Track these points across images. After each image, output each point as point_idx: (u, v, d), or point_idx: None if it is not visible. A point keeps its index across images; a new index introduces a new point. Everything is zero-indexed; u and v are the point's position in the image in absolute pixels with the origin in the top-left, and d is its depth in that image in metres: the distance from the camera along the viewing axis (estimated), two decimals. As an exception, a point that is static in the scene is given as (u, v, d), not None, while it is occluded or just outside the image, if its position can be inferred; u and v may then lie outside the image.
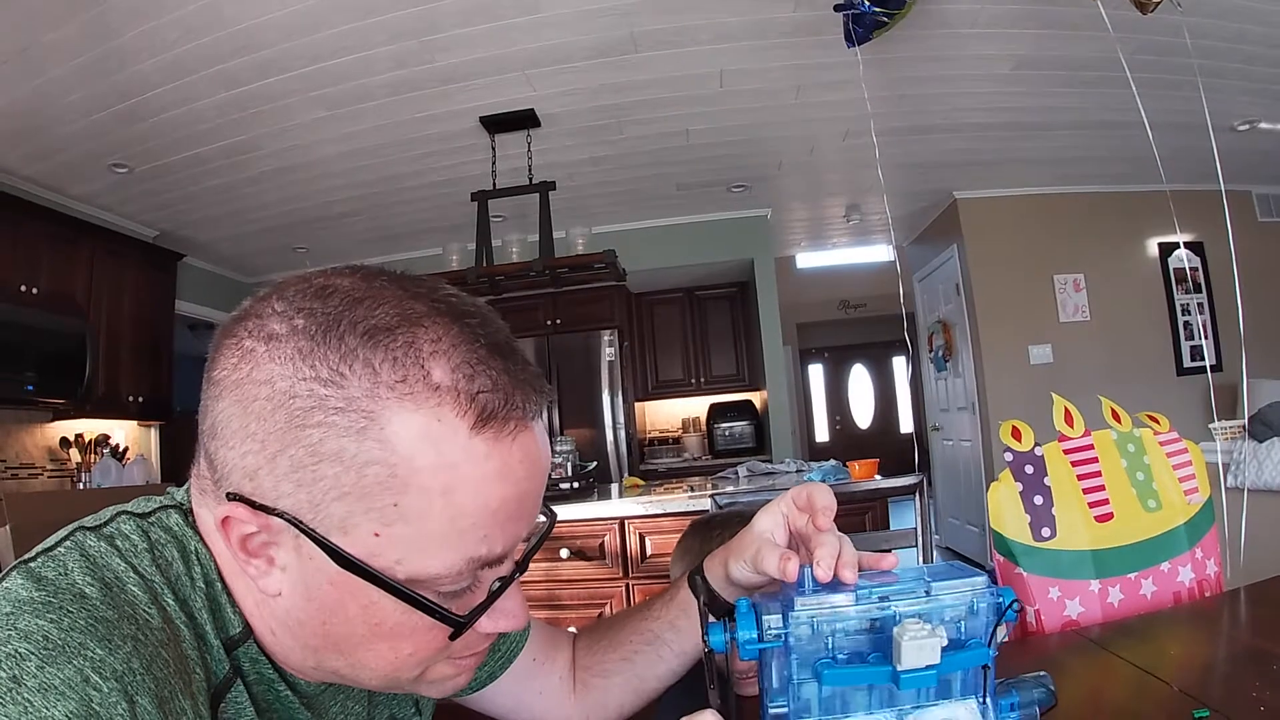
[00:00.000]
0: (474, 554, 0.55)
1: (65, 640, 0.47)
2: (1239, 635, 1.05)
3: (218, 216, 5.19)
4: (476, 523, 0.54)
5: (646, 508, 2.82)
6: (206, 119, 3.84)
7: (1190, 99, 3.51)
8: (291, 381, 0.52)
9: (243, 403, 0.53)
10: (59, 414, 4.49)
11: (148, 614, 0.52)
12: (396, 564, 0.53)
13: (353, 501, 0.51)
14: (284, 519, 0.52)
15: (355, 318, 0.53)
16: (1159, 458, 1.21)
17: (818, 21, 3.33)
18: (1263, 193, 5.87)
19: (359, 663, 0.59)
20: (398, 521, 0.52)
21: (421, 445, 0.51)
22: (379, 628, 0.56)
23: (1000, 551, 1.16)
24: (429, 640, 0.58)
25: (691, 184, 5.46)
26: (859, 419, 12.50)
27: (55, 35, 3.04)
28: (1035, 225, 5.88)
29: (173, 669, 0.51)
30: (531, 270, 3.86)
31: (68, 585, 0.50)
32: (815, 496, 0.79)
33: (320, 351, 0.52)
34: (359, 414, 0.51)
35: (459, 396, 0.52)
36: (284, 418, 0.51)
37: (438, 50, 3.45)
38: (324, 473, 0.51)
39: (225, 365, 0.55)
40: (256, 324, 0.55)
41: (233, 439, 0.54)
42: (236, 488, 0.54)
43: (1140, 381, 5.58)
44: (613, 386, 5.74)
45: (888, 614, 0.64)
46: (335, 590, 0.54)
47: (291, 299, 0.55)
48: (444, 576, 0.54)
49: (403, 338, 0.52)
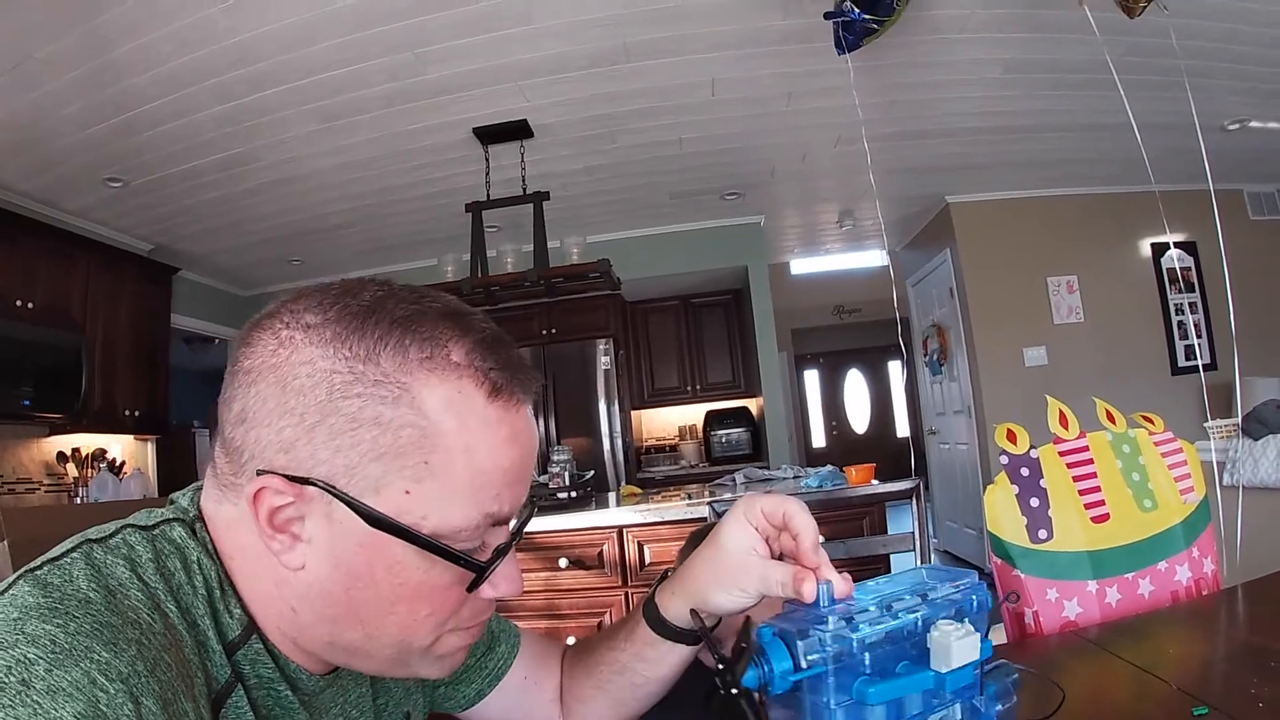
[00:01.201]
0: (489, 509, 0.62)
1: (72, 644, 0.48)
2: (1237, 633, 1.06)
3: (213, 230, 5.19)
4: (491, 480, 0.61)
5: (644, 516, 2.82)
6: (202, 132, 3.85)
7: (1180, 99, 3.54)
8: (332, 360, 0.58)
9: (282, 382, 0.59)
10: (56, 428, 4.48)
11: (150, 620, 0.54)
12: (423, 519, 0.59)
13: (389, 461, 0.58)
14: (319, 485, 0.58)
15: (383, 311, 0.60)
16: (1154, 458, 1.22)
17: (808, 29, 3.35)
18: (1254, 191, 5.91)
19: (376, 632, 0.63)
20: (427, 478, 0.59)
21: (447, 412, 0.59)
22: (402, 588, 0.61)
23: (998, 554, 1.17)
24: (445, 599, 0.63)
25: (685, 192, 5.48)
26: (855, 424, 12.51)
27: (50, 49, 3.04)
28: (1028, 228, 5.90)
29: (175, 673, 0.52)
30: (526, 280, 3.87)
31: (73, 591, 0.52)
32: (796, 519, 0.77)
33: (356, 336, 0.59)
34: (394, 385, 0.58)
35: (475, 372, 0.61)
36: (324, 391, 0.58)
37: (431, 62, 3.46)
38: (363, 436, 0.58)
39: (261, 354, 0.61)
40: (291, 317, 0.61)
41: (269, 418, 0.59)
42: (269, 464, 0.59)
43: (1135, 382, 5.60)
44: (609, 395, 5.74)
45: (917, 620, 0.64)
46: (364, 552, 0.59)
47: (322, 296, 0.62)
48: (464, 530, 0.61)
49: (426, 326, 0.61)
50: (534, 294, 4.23)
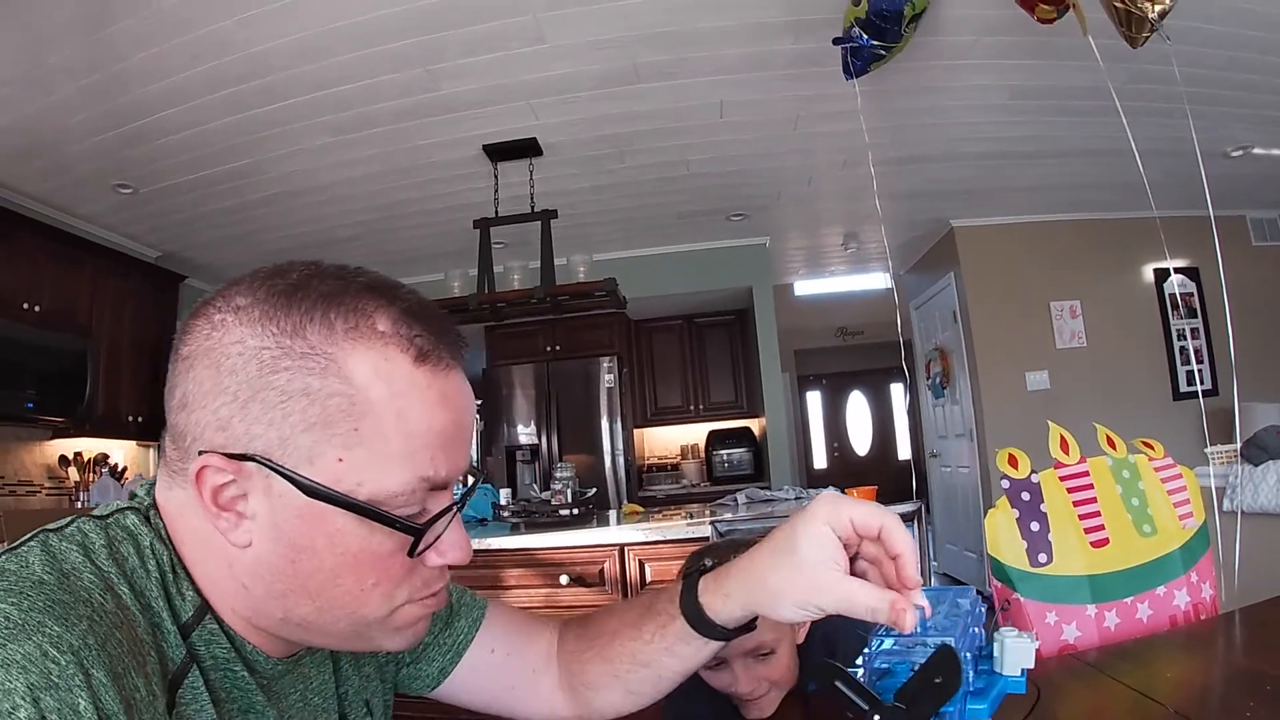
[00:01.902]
0: (424, 473, 0.62)
1: (25, 620, 0.49)
2: (1234, 657, 1.06)
3: (221, 239, 5.22)
4: (426, 443, 0.62)
5: (646, 534, 2.82)
6: (212, 142, 3.88)
7: (1183, 126, 3.57)
8: (261, 338, 0.60)
9: (215, 364, 0.60)
10: (58, 432, 4.49)
11: (102, 599, 0.55)
12: (358, 486, 0.60)
13: (319, 430, 0.59)
14: (255, 460, 0.59)
15: (310, 287, 0.62)
16: (1154, 483, 1.23)
17: (816, 54, 3.38)
18: (1257, 217, 5.93)
19: (326, 604, 0.63)
20: (358, 445, 0.60)
21: (374, 378, 0.61)
22: (344, 557, 0.62)
23: (998, 577, 1.18)
24: (390, 567, 0.64)
25: (691, 213, 5.51)
26: (857, 446, 12.47)
27: (63, 56, 3.08)
28: (1031, 252, 5.93)
29: (126, 649, 0.54)
30: (533, 297, 3.89)
31: (28, 574, 0.54)
32: (896, 537, 0.72)
33: (283, 313, 0.61)
34: (321, 357, 0.60)
35: (400, 339, 0.63)
36: (255, 368, 0.59)
37: (443, 79, 3.50)
38: (293, 408, 0.59)
39: (196, 339, 0.62)
40: (224, 301, 0.63)
41: (205, 399, 0.61)
42: (208, 443, 0.60)
43: (1137, 406, 5.60)
44: (611, 413, 5.75)
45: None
46: (304, 523, 0.60)
47: (252, 280, 0.64)
48: (399, 495, 0.61)
49: (350, 300, 0.62)
50: (540, 311, 4.25)
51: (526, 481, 5.58)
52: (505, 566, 2.88)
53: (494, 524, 3.41)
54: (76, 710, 0.47)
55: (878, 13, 2.69)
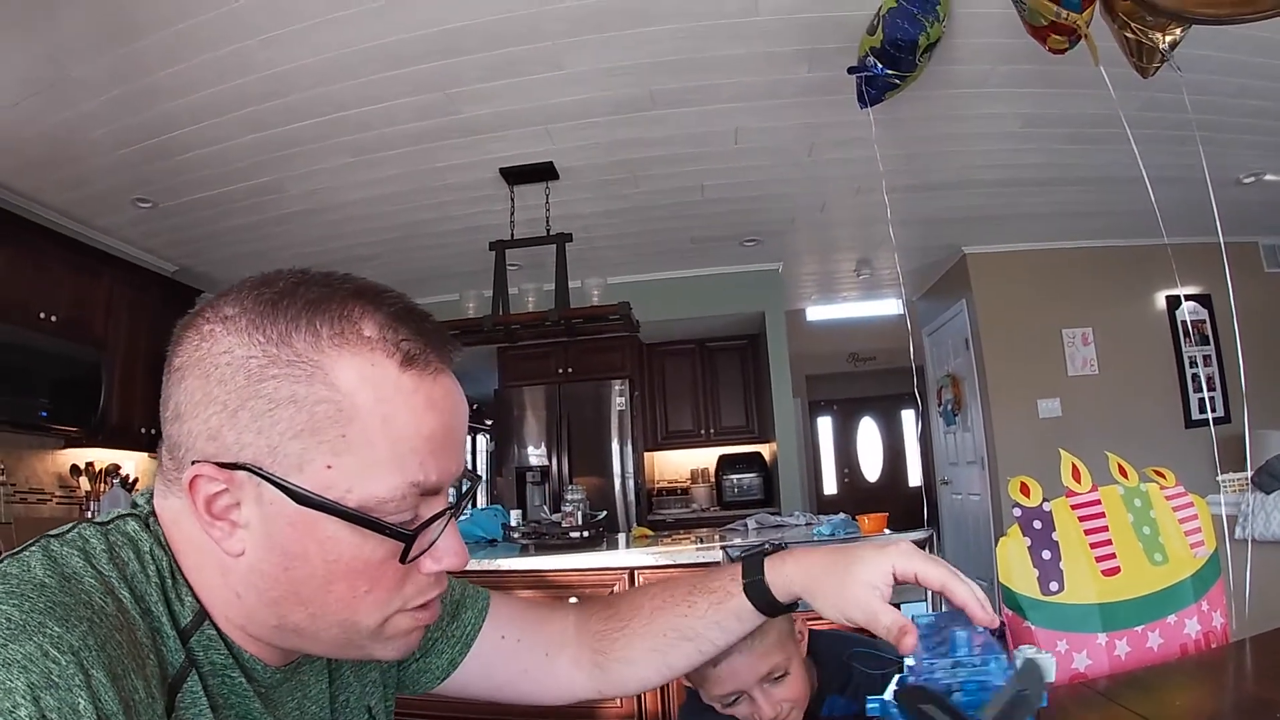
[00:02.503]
0: (414, 479, 0.63)
1: (25, 620, 0.50)
2: (1244, 685, 1.06)
3: (238, 255, 5.28)
4: (414, 448, 0.63)
5: (656, 558, 2.82)
6: (233, 160, 3.93)
7: (1194, 153, 3.59)
8: (248, 347, 0.61)
9: (205, 374, 0.62)
10: (71, 441, 4.51)
11: (103, 603, 0.56)
12: (347, 493, 0.60)
13: (307, 438, 0.60)
14: (245, 469, 0.60)
15: (296, 295, 0.63)
16: (1165, 512, 1.23)
17: (831, 82, 3.41)
18: (1270, 243, 5.92)
19: (319, 611, 0.64)
20: (346, 452, 0.60)
21: (360, 384, 0.61)
22: (336, 564, 0.62)
23: (1009, 605, 1.18)
24: (382, 575, 0.64)
25: (705, 238, 5.54)
26: (868, 472, 12.42)
27: (87, 69, 3.12)
28: (1044, 279, 5.93)
29: (126, 651, 0.54)
30: (547, 320, 3.91)
31: (29, 577, 0.55)
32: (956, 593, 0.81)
33: (269, 321, 0.62)
34: (307, 364, 0.60)
35: (386, 344, 0.63)
36: (243, 377, 0.60)
37: (461, 102, 3.54)
38: (280, 416, 0.60)
39: (187, 350, 0.64)
40: (213, 312, 0.65)
41: (196, 409, 0.62)
42: (200, 453, 0.61)
43: (1149, 434, 5.57)
44: (622, 436, 5.75)
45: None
46: (294, 531, 0.61)
47: (240, 289, 0.66)
48: (389, 500, 0.61)
49: (336, 306, 0.63)
50: (553, 333, 4.27)
51: (536, 503, 5.59)
52: (514, 587, 2.88)
53: (504, 545, 3.42)
54: (76, 710, 0.48)
55: (893, 42, 2.72)
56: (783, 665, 1.19)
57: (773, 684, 1.18)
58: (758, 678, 1.16)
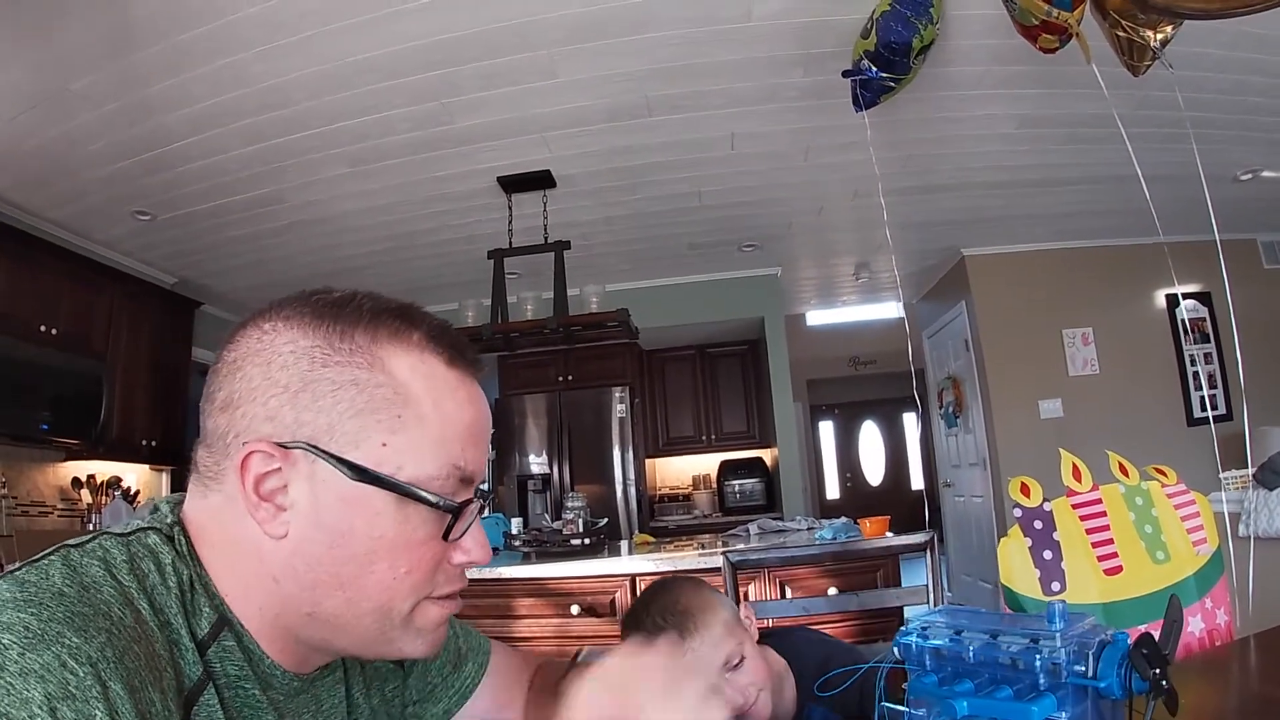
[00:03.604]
0: (457, 461, 0.68)
1: (44, 630, 0.50)
2: (1249, 683, 1.06)
3: (237, 267, 5.29)
4: (457, 433, 0.69)
5: (658, 565, 2.81)
6: (230, 171, 3.94)
7: (1190, 151, 3.59)
8: (311, 338, 0.67)
9: (266, 362, 0.66)
10: (72, 454, 4.51)
11: (121, 614, 0.56)
12: (399, 469, 0.65)
13: (365, 416, 0.65)
14: (303, 447, 0.64)
15: (353, 304, 0.70)
16: (1167, 510, 1.23)
17: (826, 86, 3.42)
18: (1268, 240, 5.91)
19: (356, 595, 0.66)
20: (400, 430, 0.66)
21: (413, 375, 0.68)
22: (381, 540, 0.65)
23: (1011, 606, 1.17)
24: (423, 556, 0.68)
25: (703, 243, 5.54)
26: (870, 476, 12.43)
27: (85, 82, 3.14)
28: (1043, 280, 5.93)
29: (143, 663, 0.54)
30: (546, 328, 3.91)
31: (48, 586, 0.54)
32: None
33: (332, 319, 0.68)
34: (367, 354, 0.67)
35: (434, 346, 0.70)
36: (306, 363, 0.65)
37: (457, 112, 3.55)
38: (342, 396, 0.65)
39: (245, 345, 0.68)
40: (272, 312, 0.70)
41: (254, 394, 0.65)
42: (256, 434, 0.64)
43: (1151, 433, 5.56)
44: (623, 443, 5.74)
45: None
46: (345, 507, 0.64)
47: (295, 298, 0.71)
48: (435, 478, 0.67)
49: (388, 315, 0.70)
50: (552, 341, 4.27)
51: (538, 511, 5.58)
52: (516, 595, 2.87)
53: (505, 553, 3.41)
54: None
55: (886, 45, 2.72)
56: (737, 652, 1.23)
57: (733, 672, 1.22)
58: (716, 670, 1.20)
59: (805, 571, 2.74)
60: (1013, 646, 0.74)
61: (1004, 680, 0.74)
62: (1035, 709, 0.70)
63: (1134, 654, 0.70)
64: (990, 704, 0.73)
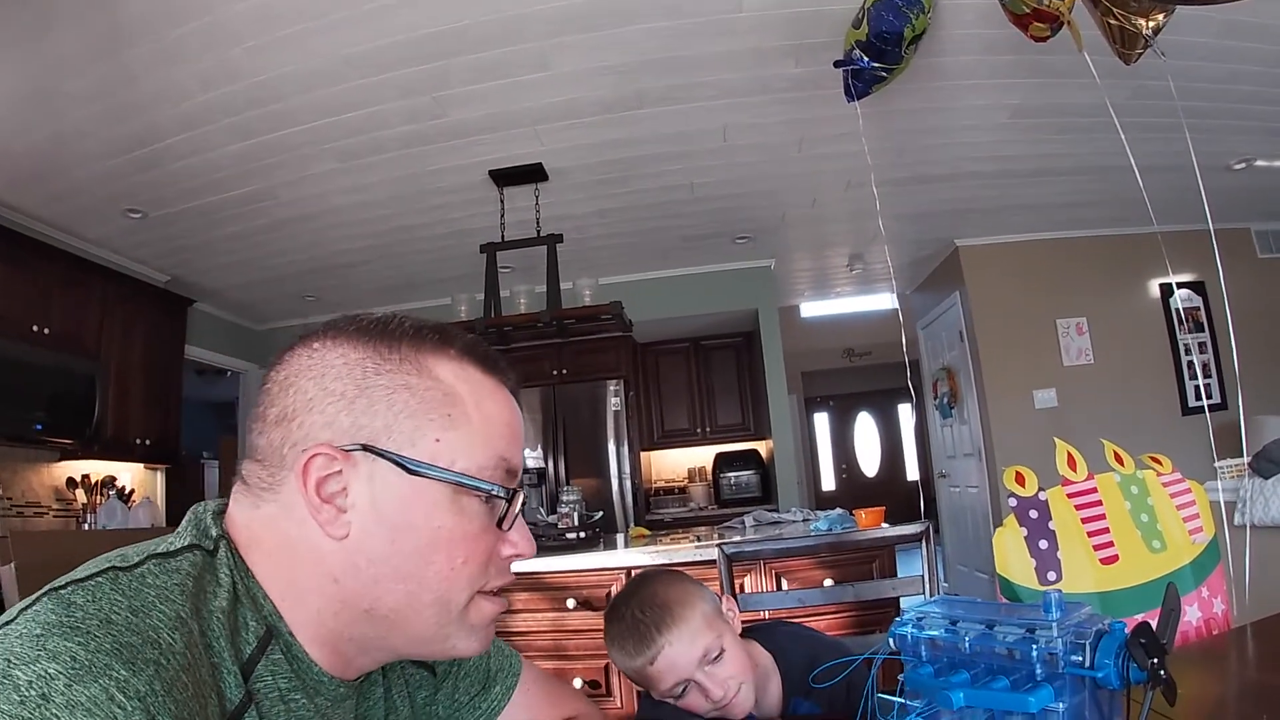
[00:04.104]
0: (503, 452, 0.73)
1: (92, 661, 0.50)
2: (1247, 672, 1.05)
3: (229, 264, 5.27)
4: (500, 429, 0.75)
5: (653, 558, 2.81)
6: (221, 168, 3.93)
7: (1184, 141, 3.59)
8: (361, 351, 0.71)
9: (320, 375, 0.70)
10: (67, 454, 4.50)
11: (171, 640, 0.56)
12: (453, 463, 0.70)
13: (419, 416, 0.70)
14: (362, 448, 0.68)
15: (395, 322, 0.75)
16: (1162, 499, 1.22)
17: (818, 77, 3.41)
18: (1262, 229, 5.92)
19: (417, 588, 0.69)
20: (451, 428, 0.71)
21: (457, 379, 0.73)
22: (440, 531, 0.69)
23: (1007, 596, 1.17)
24: (478, 547, 0.72)
25: (696, 236, 5.53)
26: (865, 467, 12.45)
27: (76, 82, 3.12)
28: (1037, 270, 5.93)
29: (191, 693, 0.54)
30: (539, 321, 3.90)
31: (95, 611, 0.54)
32: None
33: (378, 334, 0.73)
34: (413, 363, 0.72)
35: (470, 356, 0.76)
36: (359, 373, 0.70)
37: (449, 106, 3.53)
38: (396, 399, 0.69)
39: (295, 364, 0.72)
40: (320, 334, 0.74)
41: (310, 405, 0.69)
42: (315, 441, 0.68)
43: (1146, 422, 5.58)
44: (618, 436, 5.74)
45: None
46: (404, 502, 0.68)
47: (339, 320, 0.76)
48: (486, 468, 0.72)
49: (429, 330, 0.75)
50: (546, 334, 4.26)
51: (533, 505, 5.57)
52: (512, 590, 2.87)
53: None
54: None
55: (878, 35, 2.71)
56: (716, 645, 1.22)
57: (713, 665, 1.22)
58: (695, 663, 1.20)
59: (801, 563, 2.74)
60: (1009, 637, 0.74)
61: (1000, 671, 0.74)
62: (1032, 699, 0.70)
63: (1131, 643, 0.70)
64: (987, 695, 0.73)
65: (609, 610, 1.31)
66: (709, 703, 1.21)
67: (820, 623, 2.48)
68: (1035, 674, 0.71)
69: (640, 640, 1.22)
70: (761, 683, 1.29)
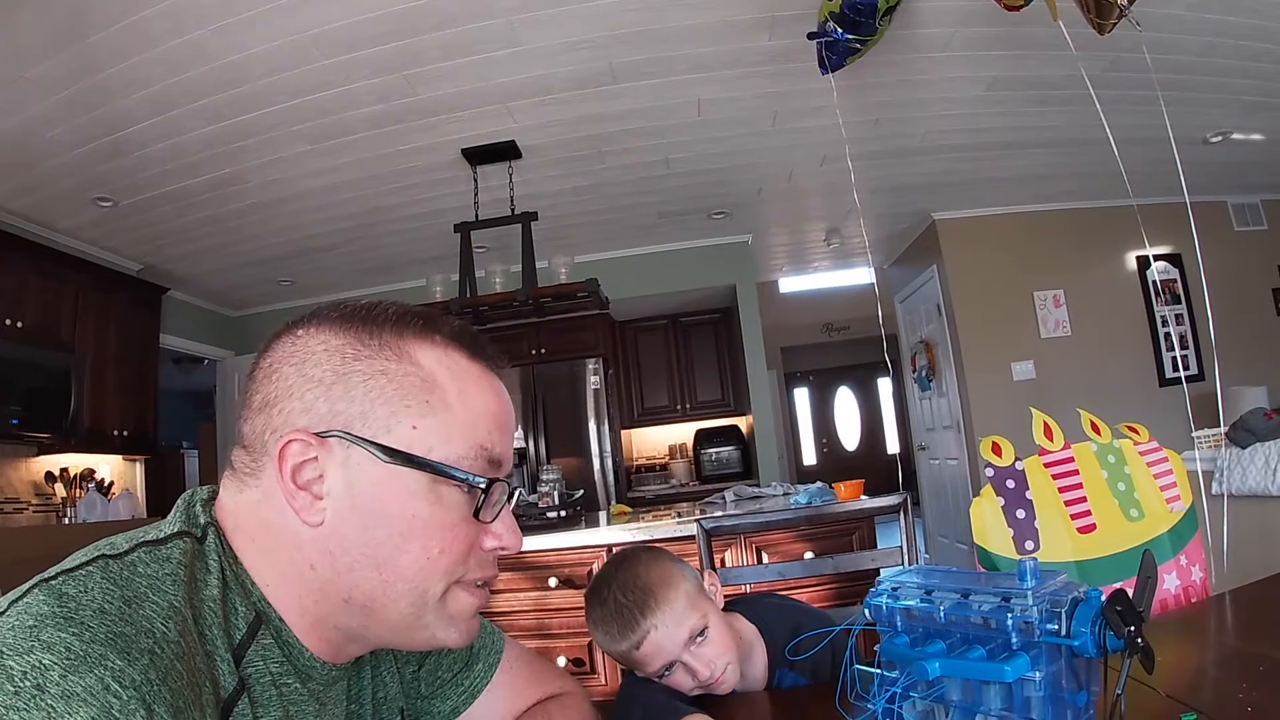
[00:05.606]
0: (484, 442, 0.72)
1: (87, 651, 0.50)
2: (1225, 639, 1.06)
3: (202, 250, 5.19)
4: (483, 418, 0.73)
5: (635, 534, 2.81)
6: (190, 153, 3.86)
7: (1161, 113, 3.59)
8: (342, 338, 0.71)
9: (301, 362, 0.70)
10: (44, 448, 4.45)
11: (164, 629, 0.56)
12: (429, 450, 0.68)
13: (396, 402, 0.69)
14: (338, 435, 0.67)
15: (379, 309, 0.74)
16: (1140, 468, 1.23)
17: (792, 49, 3.38)
18: (1238, 202, 5.97)
19: (392, 577, 0.68)
20: (429, 414, 0.69)
21: (439, 366, 0.72)
22: (414, 520, 0.68)
23: (985, 566, 1.17)
24: (455, 537, 0.70)
25: (672, 212, 5.50)
26: (846, 441, 12.52)
27: (40, 70, 3.05)
28: (1014, 243, 5.95)
29: (186, 681, 0.55)
30: (515, 300, 3.87)
31: (88, 601, 0.55)
32: None
33: (360, 322, 0.72)
34: (394, 349, 0.71)
35: (456, 343, 0.74)
36: (338, 359, 0.70)
37: (419, 84, 3.48)
38: (373, 385, 0.69)
39: (280, 351, 0.72)
40: (305, 321, 0.74)
41: (290, 391, 0.69)
42: (293, 427, 0.68)
43: (1124, 394, 5.63)
44: (598, 415, 5.73)
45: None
46: (378, 490, 0.67)
47: (324, 308, 0.75)
48: (465, 458, 0.70)
49: (413, 318, 0.74)
50: (523, 314, 4.23)
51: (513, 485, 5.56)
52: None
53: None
54: None
55: (852, 6, 2.69)
56: (700, 624, 1.21)
57: (699, 646, 1.21)
58: (680, 644, 1.19)
59: (781, 536, 2.75)
60: (984, 606, 0.73)
61: (976, 640, 0.74)
62: (1008, 669, 0.69)
63: (1108, 611, 0.70)
64: (963, 664, 0.72)
65: (589, 592, 1.29)
66: (695, 682, 1.20)
67: (802, 595, 2.49)
68: (1011, 643, 0.71)
69: (624, 625, 1.20)
70: (746, 654, 1.29)
